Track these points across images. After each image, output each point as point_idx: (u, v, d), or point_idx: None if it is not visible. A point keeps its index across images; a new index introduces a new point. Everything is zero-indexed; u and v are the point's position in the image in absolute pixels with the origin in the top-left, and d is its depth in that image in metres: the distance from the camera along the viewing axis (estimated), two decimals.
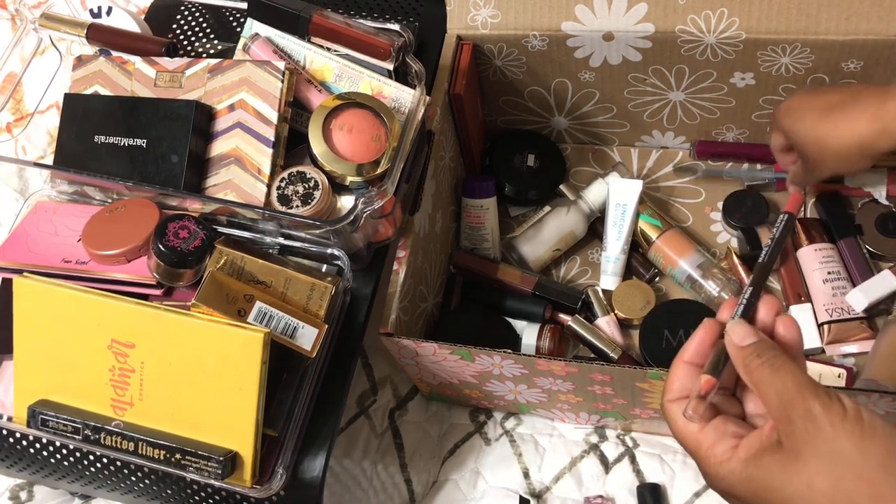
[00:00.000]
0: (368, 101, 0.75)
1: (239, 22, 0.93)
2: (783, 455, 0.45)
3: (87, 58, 0.81)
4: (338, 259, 0.74)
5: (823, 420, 0.44)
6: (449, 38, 0.87)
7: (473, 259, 0.95)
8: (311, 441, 0.74)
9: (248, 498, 0.75)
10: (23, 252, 0.77)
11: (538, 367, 0.73)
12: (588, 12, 0.83)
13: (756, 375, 0.47)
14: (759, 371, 0.47)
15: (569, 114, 0.98)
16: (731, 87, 0.89)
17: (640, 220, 0.94)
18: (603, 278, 0.95)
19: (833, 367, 0.84)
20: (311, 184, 0.73)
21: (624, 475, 0.87)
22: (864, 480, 0.42)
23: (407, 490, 0.90)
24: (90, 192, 0.81)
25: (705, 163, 1.00)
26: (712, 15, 0.80)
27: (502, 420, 0.92)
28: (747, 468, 0.46)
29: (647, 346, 0.88)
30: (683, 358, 0.53)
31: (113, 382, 0.69)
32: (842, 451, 0.43)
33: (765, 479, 0.45)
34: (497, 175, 0.98)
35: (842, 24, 0.79)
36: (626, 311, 0.92)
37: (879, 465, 0.43)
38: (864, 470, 0.43)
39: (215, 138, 0.77)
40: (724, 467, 0.47)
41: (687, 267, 0.91)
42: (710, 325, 0.53)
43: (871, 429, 0.43)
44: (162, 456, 0.67)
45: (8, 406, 0.76)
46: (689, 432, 0.50)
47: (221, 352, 0.67)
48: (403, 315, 0.79)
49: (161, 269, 0.71)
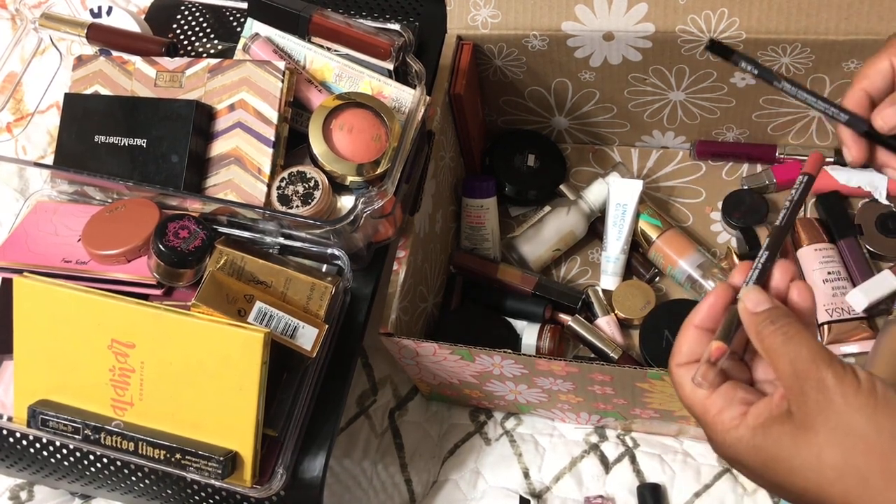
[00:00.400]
0: (368, 100, 0.75)
1: (239, 22, 0.93)
2: (793, 425, 0.43)
3: (87, 58, 0.81)
4: (338, 259, 0.74)
5: (836, 392, 0.42)
6: (449, 38, 0.87)
7: (473, 259, 0.95)
8: (311, 441, 0.74)
9: (248, 498, 0.75)
10: (23, 252, 0.77)
11: (538, 367, 0.73)
12: (588, 12, 0.83)
13: (768, 343, 0.46)
14: (771, 338, 0.45)
15: (569, 114, 0.98)
16: (731, 87, 0.89)
17: (640, 220, 0.94)
18: (603, 278, 0.95)
19: None
20: (311, 184, 0.73)
21: (624, 475, 0.87)
22: (876, 455, 0.41)
23: (407, 490, 0.90)
24: (90, 192, 0.81)
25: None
26: (712, 15, 0.80)
27: (502, 420, 0.92)
28: (755, 437, 0.45)
29: (648, 346, 0.88)
30: (693, 322, 0.51)
31: (113, 382, 0.69)
32: (853, 424, 0.42)
33: (773, 448, 0.44)
34: (497, 175, 0.98)
35: (842, 24, 0.79)
36: (626, 311, 0.92)
37: (892, 438, 0.41)
38: (877, 444, 0.41)
39: (215, 138, 0.77)
40: (732, 435, 0.46)
41: (687, 267, 0.91)
42: (723, 288, 0.51)
43: (885, 402, 0.42)
44: (162, 456, 0.67)
45: (8, 406, 0.76)
46: (697, 398, 0.48)
47: (221, 352, 0.67)
48: (403, 315, 0.79)
49: (161, 269, 0.71)
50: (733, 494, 0.85)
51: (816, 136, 0.96)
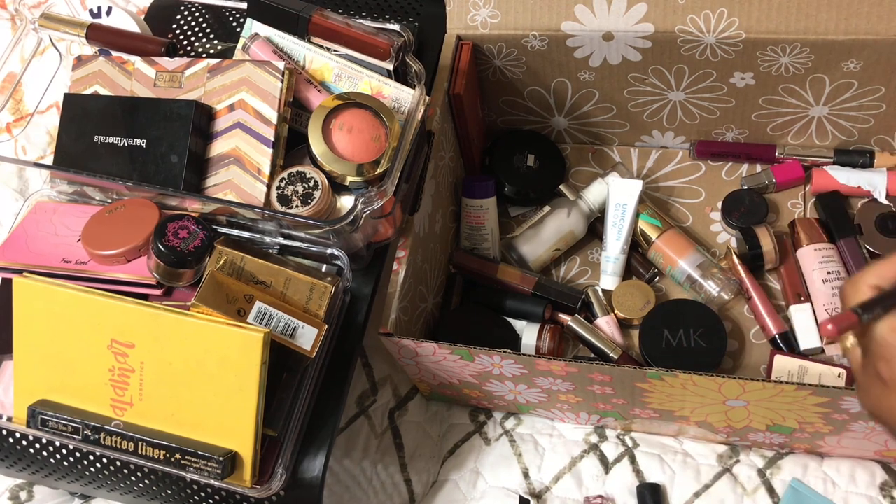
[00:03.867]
0: (368, 101, 0.75)
1: (239, 22, 0.93)
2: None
3: (87, 58, 0.81)
4: (337, 259, 0.74)
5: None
6: (449, 38, 0.87)
7: (473, 259, 0.95)
8: (311, 441, 0.74)
9: (247, 498, 0.75)
10: (23, 252, 0.77)
11: (538, 367, 0.73)
12: (588, 12, 0.83)
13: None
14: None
15: (569, 114, 0.98)
16: (730, 87, 0.89)
17: (640, 220, 0.94)
18: (603, 278, 0.95)
19: (833, 367, 0.84)
20: (310, 184, 0.73)
21: (624, 475, 0.87)
22: None
23: (407, 490, 0.90)
24: (90, 192, 0.81)
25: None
26: (712, 15, 0.80)
27: (502, 420, 0.92)
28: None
29: (647, 346, 0.88)
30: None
31: (113, 382, 0.69)
32: None
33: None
34: (497, 175, 0.98)
35: (842, 24, 0.79)
36: (626, 312, 0.92)
37: None
38: None
39: (215, 138, 0.77)
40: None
41: (687, 267, 0.91)
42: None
43: None
44: (162, 456, 0.67)
45: (8, 406, 0.76)
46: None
47: (221, 352, 0.67)
48: (403, 315, 0.79)
49: (161, 269, 0.71)
50: (733, 494, 0.85)
51: (816, 136, 0.96)
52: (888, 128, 0.93)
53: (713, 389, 0.70)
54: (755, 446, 0.87)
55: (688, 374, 0.68)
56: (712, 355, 0.86)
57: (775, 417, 0.75)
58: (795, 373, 0.85)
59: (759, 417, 0.75)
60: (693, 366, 0.82)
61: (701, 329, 0.87)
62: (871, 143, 0.96)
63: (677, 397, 0.74)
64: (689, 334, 0.87)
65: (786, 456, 0.86)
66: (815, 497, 0.83)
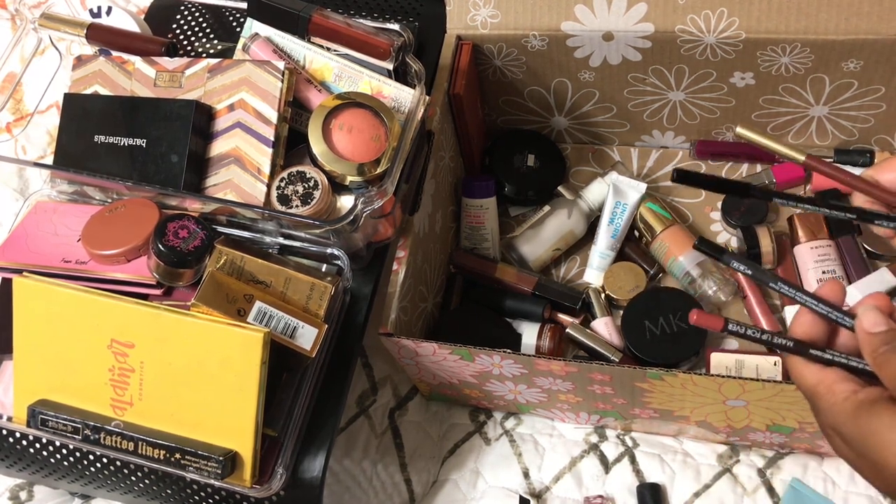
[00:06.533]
0: (368, 100, 0.75)
1: (239, 22, 0.93)
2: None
3: (87, 58, 0.81)
4: (337, 259, 0.74)
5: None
6: (449, 37, 0.87)
7: (473, 259, 0.95)
8: (311, 441, 0.74)
9: (247, 498, 0.75)
10: (23, 252, 0.77)
11: (538, 366, 0.73)
12: (588, 12, 0.83)
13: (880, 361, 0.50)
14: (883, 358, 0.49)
15: (569, 114, 0.98)
16: (730, 87, 0.89)
17: (648, 209, 0.95)
18: (588, 272, 0.95)
19: (768, 357, 0.84)
20: (310, 183, 0.73)
21: (624, 475, 0.87)
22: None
23: (407, 490, 0.90)
24: (90, 191, 0.81)
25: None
26: (712, 15, 0.80)
27: (502, 420, 0.92)
28: (861, 408, 0.49)
29: (632, 341, 0.88)
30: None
31: (113, 382, 0.69)
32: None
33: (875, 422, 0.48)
34: (497, 175, 0.98)
35: (842, 24, 0.79)
36: (615, 291, 0.92)
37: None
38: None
39: (215, 138, 0.77)
40: (841, 406, 0.50)
41: (686, 264, 0.91)
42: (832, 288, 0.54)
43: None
44: (162, 456, 0.67)
45: (8, 406, 0.76)
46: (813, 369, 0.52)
47: (221, 352, 0.67)
48: (403, 315, 0.79)
49: (161, 268, 0.71)
50: (733, 494, 0.85)
51: (816, 136, 0.96)
52: (888, 128, 0.93)
53: (713, 389, 0.70)
54: (755, 446, 0.86)
55: (688, 374, 0.68)
56: (695, 336, 0.86)
57: (775, 417, 0.75)
58: (733, 367, 0.85)
59: (759, 417, 0.75)
60: (679, 350, 0.85)
61: (679, 313, 0.88)
62: (871, 143, 0.96)
63: (677, 397, 0.74)
64: (670, 320, 0.88)
65: (786, 456, 0.86)
66: (815, 497, 0.83)
